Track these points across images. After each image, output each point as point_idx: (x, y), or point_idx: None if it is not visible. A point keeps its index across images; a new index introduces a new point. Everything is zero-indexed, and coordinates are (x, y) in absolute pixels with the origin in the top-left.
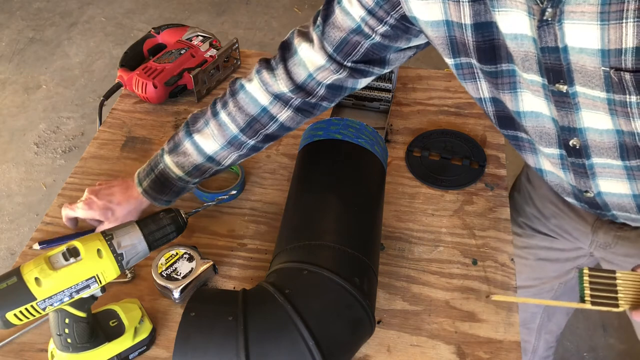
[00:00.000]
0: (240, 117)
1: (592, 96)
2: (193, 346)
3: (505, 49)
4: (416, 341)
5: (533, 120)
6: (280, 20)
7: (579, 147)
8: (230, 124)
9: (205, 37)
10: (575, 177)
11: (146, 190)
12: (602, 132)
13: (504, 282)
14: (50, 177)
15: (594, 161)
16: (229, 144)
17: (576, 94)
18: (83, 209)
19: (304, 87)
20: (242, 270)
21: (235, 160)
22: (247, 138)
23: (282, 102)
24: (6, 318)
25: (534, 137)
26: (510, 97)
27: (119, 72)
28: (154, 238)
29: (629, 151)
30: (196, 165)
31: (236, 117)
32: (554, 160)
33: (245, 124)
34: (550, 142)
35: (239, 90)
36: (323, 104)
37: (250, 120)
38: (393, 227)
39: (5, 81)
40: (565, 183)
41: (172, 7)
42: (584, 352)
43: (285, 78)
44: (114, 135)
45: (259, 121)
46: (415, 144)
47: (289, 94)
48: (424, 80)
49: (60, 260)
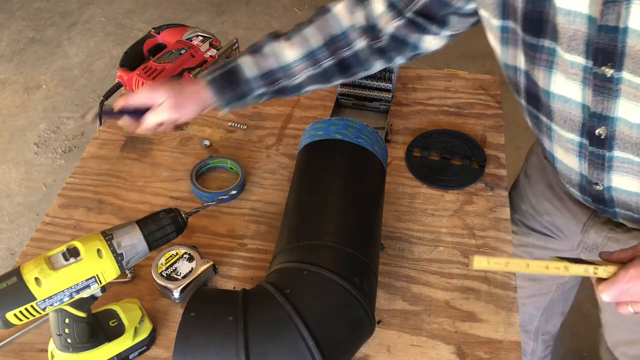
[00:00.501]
0: (322, 34)
1: (636, 84)
2: (193, 346)
3: (552, 25)
4: (416, 341)
5: (561, 103)
6: (280, 20)
7: (604, 137)
8: (312, 38)
9: (205, 37)
10: (590, 167)
11: (211, 81)
12: (634, 125)
13: (504, 282)
14: (50, 177)
15: (615, 154)
16: (306, 57)
17: (620, 80)
18: (146, 87)
19: (371, 29)
20: (242, 270)
21: (304, 84)
22: (324, 57)
23: (360, 32)
24: (6, 318)
25: (557, 120)
26: (544, 75)
27: (119, 72)
28: (154, 238)
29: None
30: (270, 70)
31: (319, 33)
32: (571, 147)
33: (325, 41)
34: (573, 128)
35: (325, 12)
36: (392, 55)
37: (330, 39)
38: (393, 227)
39: (5, 81)
40: (574, 173)
41: (172, 7)
42: (584, 352)
43: (361, 15)
44: (114, 135)
45: (338, 42)
46: (415, 144)
47: (363, 30)
48: (424, 80)
49: (60, 260)
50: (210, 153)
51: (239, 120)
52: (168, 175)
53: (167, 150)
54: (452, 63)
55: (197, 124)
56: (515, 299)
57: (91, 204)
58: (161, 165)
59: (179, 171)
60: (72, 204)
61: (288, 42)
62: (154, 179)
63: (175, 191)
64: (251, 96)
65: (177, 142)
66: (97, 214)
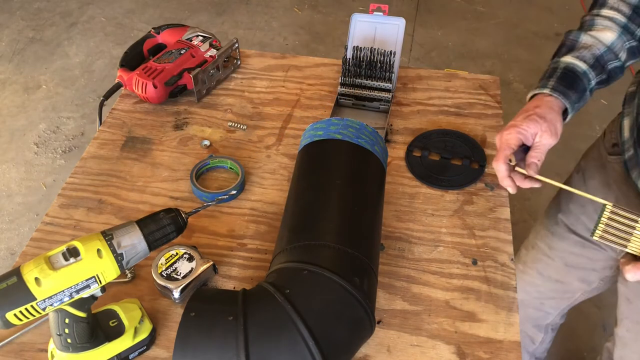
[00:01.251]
0: (623, 7)
1: None
2: (193, 346)
3: None
4: (416, 341)
5: None
6: (280, 20)
7: None
8: (616, 14)
9: (205, 37)
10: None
11: (555, 88)
12: None
13: (504, 282)
14: (50, 177)
15: None
16: (622, 33)
17: None
18: (513, 134)
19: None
20: (242, 270)
21: (626, 59)
22: (635, 26)
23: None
24: (6, 318)
25: None
26: None
27: (119, 72)
28: (154, 238)
29: None
30: (597, 56)
31: (619, 7)
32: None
33: (630, 10)
34: None
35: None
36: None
37: (634, 7)
38: (393, 227)
39: (5, 81)
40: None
41: (172, 7)
42: (584, 352)
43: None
44: (114, 135)
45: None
46: (415, 144)
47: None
48: (424, 80)
49: (60, 260)
50: (210, 153)
51: (239, 120)
52: (168, 175)
53: (167, 150)
54: (452, 63)
55: (197, 124)
56: (515, 299)
57: (91, 204)
58: (161, 165)
59: (179, 171)
60: (72, 204)
61: (595, 28)
62: (154, 179)
63: (175, 191)
64: (587, 91)
65: (177, 142)
66: (97, 214)
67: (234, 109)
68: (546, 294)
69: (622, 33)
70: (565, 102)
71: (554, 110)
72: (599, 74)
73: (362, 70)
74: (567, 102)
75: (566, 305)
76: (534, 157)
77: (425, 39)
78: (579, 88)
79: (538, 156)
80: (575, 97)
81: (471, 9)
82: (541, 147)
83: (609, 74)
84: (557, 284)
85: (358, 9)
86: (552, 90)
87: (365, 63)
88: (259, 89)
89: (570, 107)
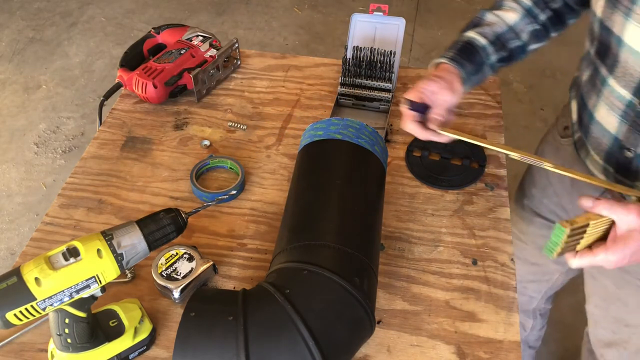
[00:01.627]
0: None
1: None
2: (193, 346)
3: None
4: (416, 341)
5: (628, 54)
6: (280, 20)
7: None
8: (522, 0)
9: (205, 37)
10: (629, 130)
11: (452, 57)
12: None
13: (504, 282)
14: (50, 177)
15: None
16: (525, 15)
17: None
18: (412, 91)
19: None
20: (242, 270)
21: (528, 42)
22: (539, 10)
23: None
24: (6, 318)
25: (617, 72)
26: (621, 20)
27: (119, 72)
28: (154, 238)
29: None
30: (499, 34)
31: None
32: (618, 105)
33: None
34: (629, 83)
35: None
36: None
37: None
38: (393, 227)
39: (5, 81)
40: (607, 137)
41: (172, 7)
42: None
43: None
44: (114, 135)
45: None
46: (415, 144)
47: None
48: None
49: (60, 260)
50: (210, 153)
51: (239, 120)
52: (168, 175)
53: (167, 150)
54: None
55: (197, 124)
56: (515, 299)
57: (91, 204)
58: (161, 165)
59: (179, 171)
60: (72, 204)
61: (501, 9)
62: (154, 179)
63: (175, 191)
64: (486, 65)
65: (177, 142)
66: (97, 214)
67: (234, 109)
68: (526, 277)
69: (525, 15)
70: (460, 70)
71: (450, 72)
72: (499, 50)
73: (362, 70)
74: (463, 71)
75: (547, 288)
76: (435, 113)
77: (425, 39)
78: (476, 60)
79: (438, 112)
80: (471, 68)
81: (471, 9)
82: (441, 103)
83: (511, 52)
84: (534, 266)
85: (358, 9)
86: (449, 59)
87: (365, 63)
88: (259, 89)
89: (466, 76)
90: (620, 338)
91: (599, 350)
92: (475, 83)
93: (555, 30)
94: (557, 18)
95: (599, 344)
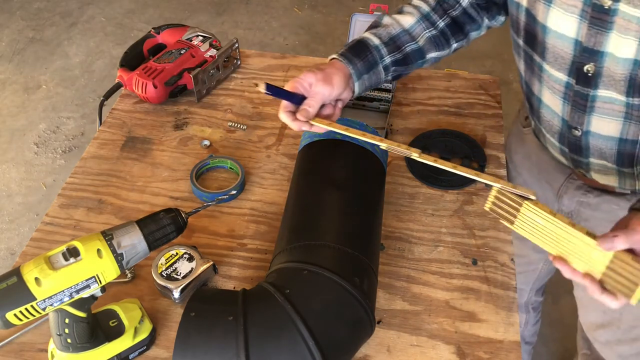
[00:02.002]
0: (429, 1)
1: (630, 16)
2: (193, 346)
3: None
4: (416, 341)
5: (554, 39)
6: (280, 20)
7: (591, 74)
8: (422, 5)
9: (205, 37)
10: (572, 110)
11: (342, 53)
12: (620, 60)
13: (504, 282)
14: (50, 177)
15: (599, 93)
16: (422, 19)
17: (616, 12)
18: (292, 81)
19: None
20: (242, 270)
21: (426, 48)
22: (437, 18)
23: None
24: (6, 318)
25: (549, 57)
26: (544, 8)
27: (119, 72)
28: (154, 238)
29: (635, 87)
30: (393, 35)
31: (424, 1)
32: (558, 88)
33: (435, 2)
34: (562, 66)
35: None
36: (493, 10)
37: (437, 2)
38: (393, 227)
39: (5, 81)
40: (556, 119)
41: (172, 7)
42: (584, 352)
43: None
44: (114, 135)
45: (446, 3)
46: (415, 144)
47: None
48: (424, 80)
49: (60, 260)
50: (210, 153)
51: (239, 120)
52: (168, 175)
53: (167, 150)
54: (452, 63)
55: (197, 124)
56: (515, 299)
57: (91, 204)
58: (161, 165)
59: (179, 171)
60: (72, 204)
61: (401, 14)
62: (154, 179)
63: (175, 191)
64: (380, 66)
65: (177, 142)
66: (97, 214)
67: (234, 109)
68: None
69: (422, 20)
70: (348, 66)
71: (335, 67)
72: (393, 51)
73: None
74: (351, 67)
75: (534, 279)
76: (306, 104)
77: None
78: (367, 58)
79: (310, 103)
80: (361, 66)
81: None
82: (315, 95)
83: (406, 55)
84: (518, 258)
85: (358, 9)
86: (339, 55)
87: None
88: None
89: (355, 73)
90: (611, 317)
91: (592, 334)
92: (372, 82)
93: (456, 40)
94: (456, 27)
95: (591, 327)
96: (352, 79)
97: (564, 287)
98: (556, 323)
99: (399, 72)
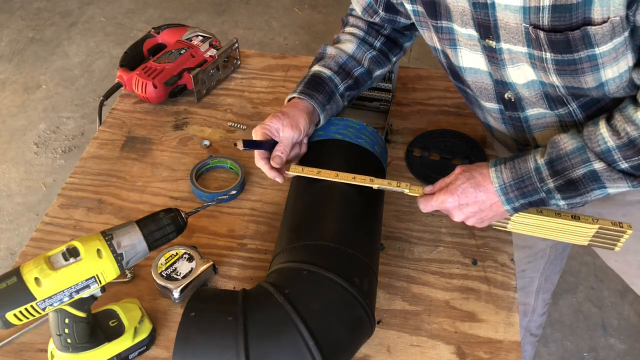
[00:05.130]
0: (361, 24)
1: (515, 51)
2: (193, 346)
3: (444, 6)
4: (416, 341)
5: (472, 75)
6: (280, 20)
7: (514, 100)
8: (356, 30)
9: (205, 37)
10: (515, 131)
11: (302, 91)
12: (528, 84)
13: (504, 282)
14: (50, 177)
15: (529, 113)
16: (361, 43)
17: (502, 50)
18: (257, 128)
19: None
20: (242, 270)
21: (371, 68)
22: (373, 38)
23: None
24: (6, 318)
25: (475, 92)
26: (452, 53)
27: (119, 72)
28: (153, 238)
29: (554, 100)
30: (341, 63)
31: (358, 25)
32: (495, 115)
33: (366, 26)
34: (489, 96)
35: (351, 13)
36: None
37: (369, 24)
38: (393, 227)
39: (5, 81)
40: (508, 138)
41: (172, 7)
42: (584, 352)
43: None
44: (114, 135)
45: (375, 28)
46: (415, 144)
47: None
48: (424, 80)
49: (60, 260)
50: (210, 153)
51: (239, 120)
52: (168, 175)
53: (167, 150)
54: None
55: (197, 124)
56: (515, 299)
57: (91, 204)
58: (161, 165)
59: (178, 171)
60: (72, 204)
61: (340, 42)
62: (154, 179)
63: (175, 191)
64: (337, 94)
65: (177, 142)
66: (97, 214)
67: (234, 109)
68: (523, 261)
69: (361, 44)
70: (310, 102)
71: (297, 108)
72: (345, 79)
73: None
74: (314, 102)
75: (544, 264)
76: (278, 150)
77: None
78: (325, 90)
79: (281, 149)
80: (322, 98)
81: None
82: (284, 140)
83: (356, 79)
84: (526, 249)
85: None
86: (299, 93)
87: None
88: (259, 89)
89: (319, 107)
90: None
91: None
92: (333, 112)
93: (394, 53)
94: (392, 42)
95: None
96: (316, 112)
97: (564, 287)
98: (556, 323)
99: (352, 96)
